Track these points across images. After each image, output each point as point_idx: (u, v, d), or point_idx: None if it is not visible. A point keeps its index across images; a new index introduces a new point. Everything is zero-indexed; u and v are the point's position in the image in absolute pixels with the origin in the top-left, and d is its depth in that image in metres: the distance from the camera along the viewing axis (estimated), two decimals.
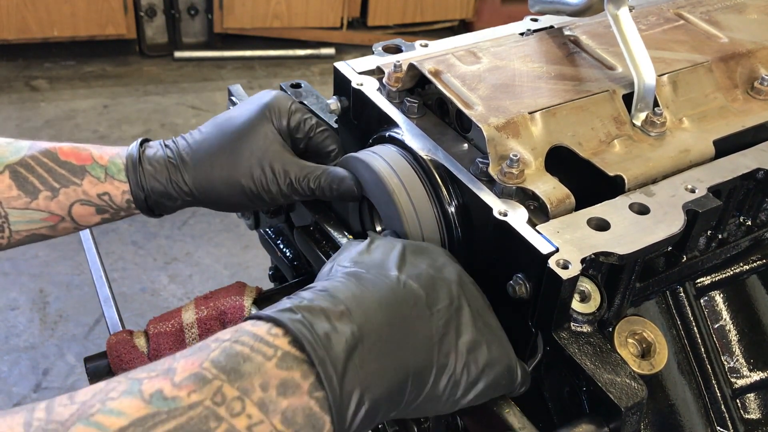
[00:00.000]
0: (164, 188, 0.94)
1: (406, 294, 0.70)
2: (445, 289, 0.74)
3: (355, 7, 4.28)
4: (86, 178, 0.93)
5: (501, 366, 0.74)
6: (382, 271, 0.73)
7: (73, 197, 0.93)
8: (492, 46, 1.04)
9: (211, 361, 0.61)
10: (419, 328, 0.69)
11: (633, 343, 0.84)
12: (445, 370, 0.70)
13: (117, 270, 2.94)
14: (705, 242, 0.98)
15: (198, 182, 0.95)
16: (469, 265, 0.88)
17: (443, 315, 0.71)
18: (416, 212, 0.88)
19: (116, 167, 0.94)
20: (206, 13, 4.16)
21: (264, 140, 0.95)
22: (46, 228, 0.95)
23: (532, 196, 0.84)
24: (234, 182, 0.94)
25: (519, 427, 0.78)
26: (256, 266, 3.02)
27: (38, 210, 0.92)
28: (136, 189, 0.94)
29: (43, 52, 4.05)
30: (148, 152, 0.96)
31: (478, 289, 0.79)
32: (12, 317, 2.78)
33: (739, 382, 1.01)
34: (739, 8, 1.15)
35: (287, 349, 0.63)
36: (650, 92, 0.94)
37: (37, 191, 0.91)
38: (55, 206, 0.93)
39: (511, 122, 0.89)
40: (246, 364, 0.61)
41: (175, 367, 0.61)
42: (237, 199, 0.96)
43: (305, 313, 0.65)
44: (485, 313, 0.76)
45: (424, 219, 0.88)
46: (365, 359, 0.64)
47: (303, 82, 1.18)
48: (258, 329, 0.64)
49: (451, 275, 0.76)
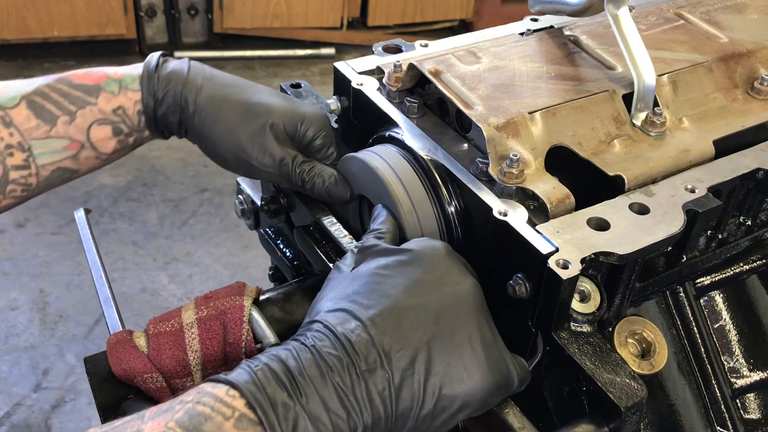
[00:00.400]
0: (173, 99, 0.95)
1: (357, 353, 0.70)
2: (417, 320, 0.73)
3: (355, 7, 4.28)
4: (101, 95, 0.94)
5: (484, 390, 0.73)
6: (341, 323, 0.72)
7: (90, 118, 0.93)
8: (492, 46, 1.04)
9: (176, 421, 0.65)
10: (370, 383, 0.69)
11: (633, 343, 0.84)
12: (409, 413, 0.70)
13: (117, 270, 2.94)
14: (705, 242, 0.98)
15: (205, 109, 0.95)
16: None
17: (408, 355, 0.71)
18: (416, 212, 0.88)
19: (131, 77, 0.95)
20: (206, 13, 4.16)
21: (281, 126, 0.96)
22: (70, 159, 0.94)
23: (532, 196, 0.84)
24: (235, 133, 0.95)
25: (519, 427, 0.78)
26: (256, 266, 3.02)
27: (58, 137, 0.92)
28: (147, 96, 0.94)
29: (43, 52, 4.06)
30: (169, 63, 0.98)
31: (471, 297, 0.76)
32: (12, 317, 2.78)
33: (739, 382, 1.02)
34: (739, 8, 1.15)
35: (243, 411, 0.66)
36: (650, 92, 0.94)
37: (55, 117, 0.92)
38: (74, 131, 0.93)
39: (511, 122, 0.89)
40: (207, 423, 0.64)
41: (143, 428, 0.65)
42: (229, 150, 0.96)
43: (259, 377, 0.68)
44: (474, 327, 0.74)
45: (424, 219, 0.88)
46: (314, 423, 0.67)
47: (303, 82, 1.18)
48: (218, 391, 0.67)
49: (431, 294, 0.75)
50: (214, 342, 0.92)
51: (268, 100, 0.98)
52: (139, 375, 0.89)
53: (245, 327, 0.93)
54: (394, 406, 0.70)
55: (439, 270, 0.77)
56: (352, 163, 0.95)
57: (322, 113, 1.01)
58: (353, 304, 0.74)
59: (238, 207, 1.25)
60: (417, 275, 0.76)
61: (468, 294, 0.76)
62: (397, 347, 0.71)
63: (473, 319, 0.75)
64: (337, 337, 0.71)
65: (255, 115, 0.96)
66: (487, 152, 0.86)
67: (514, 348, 0.79)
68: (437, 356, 0.72)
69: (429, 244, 0.80)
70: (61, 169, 0.95)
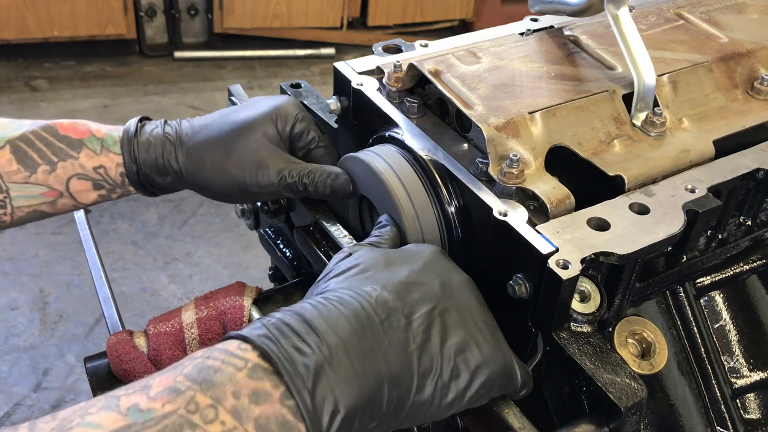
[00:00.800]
0: (155, 162, 0.96)
1: (377, 307, 0.70)
2: (426, 294, 0.74)
3: (355, 7, 4.28)
4: (83, 151, 0.95)
5: (495, 365, 0.74)
6: (357, 287, 0.73)
7: (70, 171, 0.95)
8: (492, 46, 1.04)
9: (185, 375, 0.64)
10: (393, 338, 0.69)
11: (633, 343, 0.84)
12: (429, 375, 0.70)
13: (117, 270, 2.94)
14: (705, 242, 0.98)
15: (189, 163, 0.96)
16: (469, 265, 0.88)
17: (424, 321, 0.71)
18: (416, 212, 0.88)
19: (112, 139, 0.97)
20: (206, 13, 4.16)
21: (262, 138, 0.97)
22: (46, 204, 0.96)
23: (532, 196, 0.84)
24: (224, 170, 0.96)
25: (519, 427, 0.78)
26: (256, 266, 3.02)
27: (37, 184, 0.94)
28: (129, 161, 0.96)
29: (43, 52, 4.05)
30: (147, 127, 0.99)
31: (469, 288, 0.78)
32: (12, 317, 2.78)
33: (739, 382, 1.01)
34: (739, 8, 1.15)
35: (257, 361, 0.65)
36: (650, 92, 0.94)
37: (35, 165, 0.93)
38: (54, 180, 0.94)
39: (511, 122, 0.89)
40: (218, 374, 0.63)
41: (151, 383, 0.64)
42: (226, 188, 0.97)
43: (272, 330, 0.67)
44: (477, 312, 0.76)
45: (424, 219, 0.88)
46: (335, 370, 0.65)
47: (303, 82, 1.18)
48: (228, 345, 0.66)
49: (434, 279, 0.76)
50: (214, 342, 0.92)
51: (243, 123, 0.98)
52: (139, 375, 0.89)
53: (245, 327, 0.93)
54: (417, 365, 0.69)
55: (437, 265, 0.79)
56: (354, 163, 0.95)
57: (287, 102, 1.02)
58: (364, 276, 0.75)
59: (237, 207, 1.25)
60: (419, 263, 0.78)
61: (468, 284, 0.78)
62: (415, 311, 0.71)
63: (477, 304, 0.76)
64: (358, 293, 0.71)
65: (237, 146, 0.97)
66: (487, 152, 0.86)
67: (514, 348, 0.79)
68: (450, 327, 0.72)
69: (426, 246, 0.82)
70: (37, 212, 0.97)
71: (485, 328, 0.75)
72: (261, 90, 4.00)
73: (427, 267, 0.77)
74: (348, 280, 0.75)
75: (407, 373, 0.69)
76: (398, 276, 0.75)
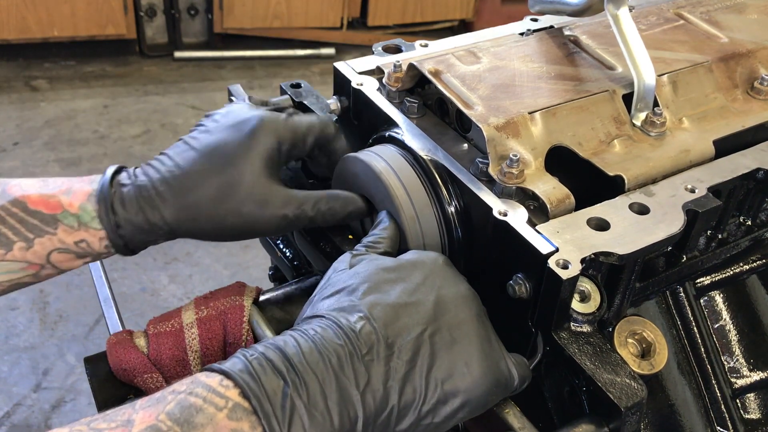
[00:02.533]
0: (142, 228, 0.87)
1: (360, 341, 0.70)
2: (416, 317, 0.73)
3: (355, 7, 4.28)
4: (60, 227, 0.87)
5: (487, 383, 0.73)
6: (344, 316, 0.72)
7: (49, 246, 0.88)
8: (492, 46, 1.04)
9: (167, 413, 0.64)
10: (374, 373, 0.69)
11: (633, 343, 0.84)
12: (411, 406, 0.70)
13: (117, 270, 2.94)
14: (705, 242, 0.98)
15: (179, 219, 0.87)
16: (469, 266, 0.88)
17: (410, 348, 0.71)
18: (416, 212, 0.88)
19: (89, 215, 0.87)
20: (206, 13, 4.16)
21: (251, 175, 0.87)
22: (29, 276, 0.90)
23: (532, 196, 0.84)
24: (219, 220, 0.87)
25: (519, 427, 0.78)
26: (256, 266, 3.01)
27: (15, 261, 0.87)
28: (114, 236, 0.88)
29: (43, 52, 4.05)
30: (121, 191, 0.88)
31: (466, 301, 0.76)
32: (12, 317, 2.78)
33: (739, 382, 1.01)
34: (739, 8, 1.15)
35: (237, 400, 0.65)
36: (650, 92, 0.94)
37: (11, 243, 0.86)
38: (32, 256, 0.87)
39: (511, 122, 0.89)
40: (199, 415, 0.63)
41: (134, 418, 0.64)
42: (225, 234, 0.90)
43: (255, 366, 0.67)
44: (471, 327, 0.74)
45: (424, 219, 0.88)
46: (311, 413, 0.66)
47: (303, 82, 1.18)
48: (211, 381, 0.66)
49: (429, 295, 0.75)
50: (214, 342, 0.92)
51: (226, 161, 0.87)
52: (139, 375, 0.89)
53: (245, 327, 0.93)
54: (397, 398, 0.69)
55: (436, 276, 0.78)
56: (354, 164, 0.95)
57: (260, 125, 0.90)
58: (354, 299, 0.74)
59: None
60: (416, 279, 0.76)
61: (466, 296, 0.77)
62: (400, 339, 0.71)
63: (472, 319, 0.75)
64: (340, 327, 0.71)
65: (228, 191, 0.87)
66: (487, 152, 0.86)
67: (514, 348, 0.79)
68: (439, 350, 0.72)
69: (428, 255, 0.81)
70: (20, 284, 0.90)
71: (478, 342, 0.74)
72: (261, 90, 4.00)
73: (424, 282, 0.76)
74: (339, 303, 0.74)
75: (385, 408, 0.69)
76: (390, 298, 0.74)
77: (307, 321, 0.74)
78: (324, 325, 0.72)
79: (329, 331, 0.71)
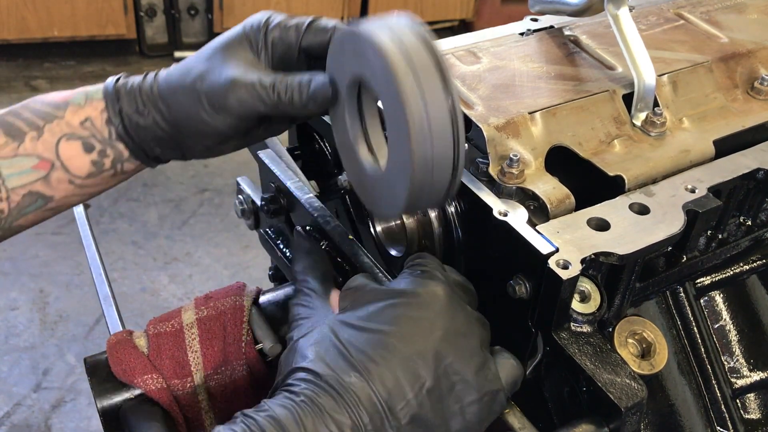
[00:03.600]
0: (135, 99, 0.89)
1: (362, 410, 0.70)
2: (416, 368, 0.72)
3: (355, 7, 4.29)
4: (69, 108, 0.91)
5: (482, 419, 0.74)
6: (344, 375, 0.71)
7: (57, 132, 0.90)
8: (492, 46, 1.04)
9: None
10: None
11: (633, 343, 0.84)
12: None
13: (117, 270, 2.94)
14: (705, 242, 0.98)
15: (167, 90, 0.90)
16: (469, 266, 0.88)
17: (408, 412, 0.71)
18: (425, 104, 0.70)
19: (95, 89, 0.93)
20: (206, 13, 4.17)
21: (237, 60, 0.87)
22: (40, 182, 0.90)
23: (532, 196, 0.84)
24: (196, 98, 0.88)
25: (519, 427, 0.78)
26: (256, 266, 3.02)
27: (26, 155, 0.89)
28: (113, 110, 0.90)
29: (43, 52, 4.06)
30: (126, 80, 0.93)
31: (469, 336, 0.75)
32: (12, 317, 2.79)
33: (739, 382, 1.01)
34: (739, 8, 1.15)
35: None
36: (650, 92, 0.94)
37: (23, 134, 0.89)
38: (42, 147, 0.90)
39: (511, 122, 0.89)
40: None
41: None
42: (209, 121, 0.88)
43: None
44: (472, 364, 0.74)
45: (433, 111, 0.70)
46: None
47: None
48: None
49: (426, 345, 0.73)
50: (214, 342, 0.92)
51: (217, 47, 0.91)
52: (139, 375, 0.89)
53: (245, 327, 0.93)
54: None
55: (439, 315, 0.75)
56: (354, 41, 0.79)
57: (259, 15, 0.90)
58: (349, 355, 0.73)
59: (238, 207, 1.25)
60: (412, 315, 0.74)
61: (466, 333, 0.75)
62: (400, 403, 0.71)
63: (458, 359, 0.74)
64: (340, 395, 0.70)
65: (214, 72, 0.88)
66: (487, 152, 0.86)
67: (514, 348, 0.79)
68: (435, 405, 0.72)
69: (427, 289, 0.76)
70: (32, 194, 0.91)
71: (475, 383, 0.73)
72: None
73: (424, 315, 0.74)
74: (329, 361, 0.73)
75: None
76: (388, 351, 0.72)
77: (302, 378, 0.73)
78: (322, 389, 0.71)
79: (331, 400, 0.70)
